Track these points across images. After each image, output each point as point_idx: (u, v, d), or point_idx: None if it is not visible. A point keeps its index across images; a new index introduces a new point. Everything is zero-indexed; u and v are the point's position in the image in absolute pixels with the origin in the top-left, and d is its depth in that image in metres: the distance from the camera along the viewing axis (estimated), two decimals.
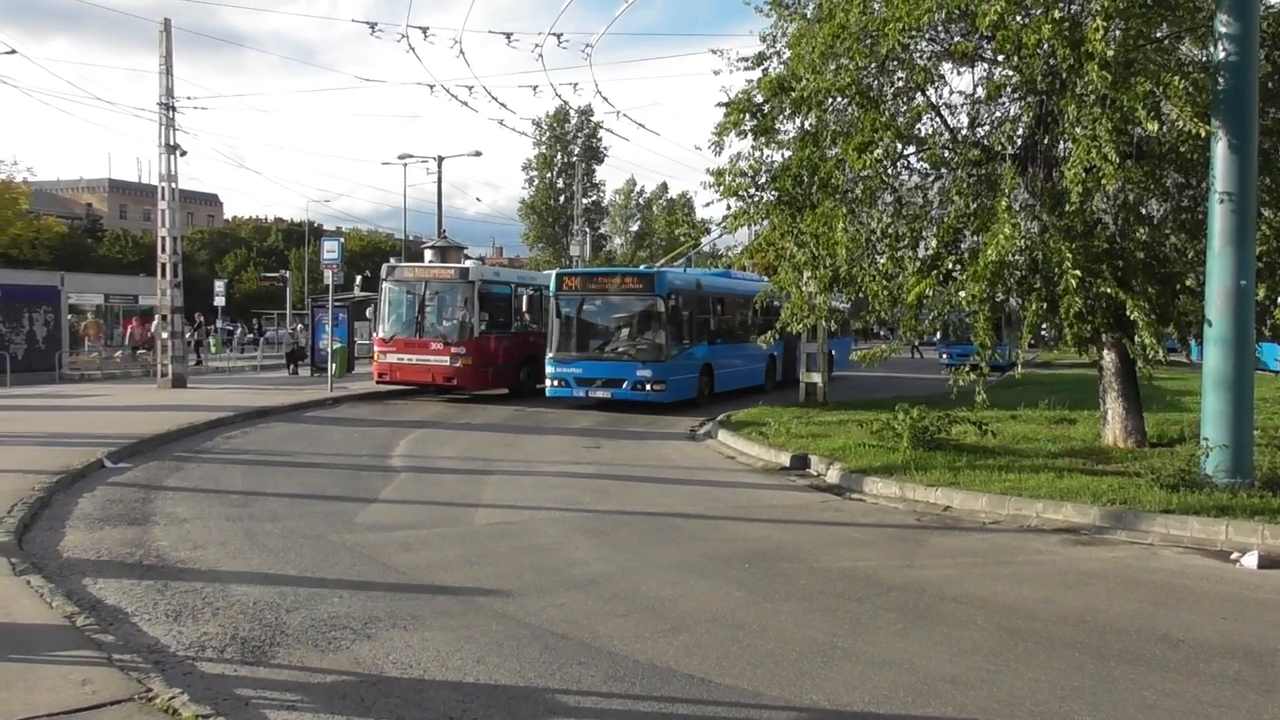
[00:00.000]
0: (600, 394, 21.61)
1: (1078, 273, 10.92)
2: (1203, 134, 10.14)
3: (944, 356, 32.60)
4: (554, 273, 23.35)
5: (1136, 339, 11.55)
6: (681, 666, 5.97)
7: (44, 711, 4.99)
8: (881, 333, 45.79)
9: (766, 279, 25.82)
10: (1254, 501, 9.92)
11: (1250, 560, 8.71)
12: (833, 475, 12.88)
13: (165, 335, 25.91)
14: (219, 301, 45.69)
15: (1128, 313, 11.29)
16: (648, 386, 21.09)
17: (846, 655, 6.24)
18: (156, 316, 27.82)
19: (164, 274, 25.63)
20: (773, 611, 7.19)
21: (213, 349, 43.81)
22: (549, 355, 22.17)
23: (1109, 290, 11.23)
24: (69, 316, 30.88)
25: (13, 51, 33.24)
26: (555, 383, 22.01)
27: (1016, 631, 6.78)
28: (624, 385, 21.28)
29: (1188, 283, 11.91)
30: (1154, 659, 6.26)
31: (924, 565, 8.68)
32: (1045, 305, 11.96)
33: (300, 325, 42.85)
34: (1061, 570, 8.55)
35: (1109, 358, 13.43)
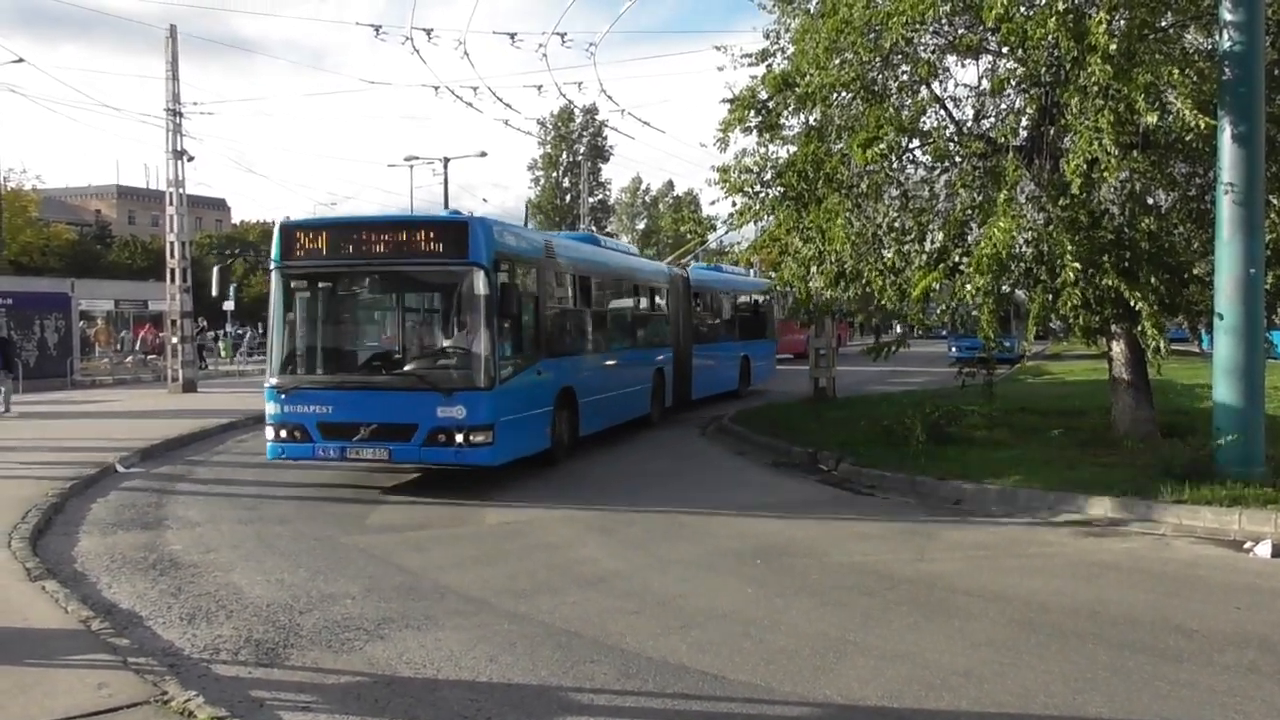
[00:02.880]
0: (369, 453, 11.45)
1: (1077, 265, 10.89)
2: (1203, 127, 10.10)
3: (953, 350, 32.55)
4: (279, 224, 12.39)
5: (1138, 329, 11.52)
6: (694, 663, 5.97)
7: (61, 715, 5.02)
8: (879, 326, 45.59)
9: (661, 263, 22.81)
10: (1267, 491, 9.88)
11: (1264, 550, 8.68)
12: (843, 469, 12.86)
13: (175, 340, 26.00)
14: (228, 306, 45.81)
15: (1133, 304, 11.25)
16: (460, 438, 11.17)
17: (859, 650, 6.24)
18: (167, 321, 27.85)
19: (173, 279, 25.72)
20: (784, 607, 7.19)
21: (222, 353, 43.90)
22: (268, 381, 11.99)
23: (1111, 282, 11.20)
24: (80, 323, 31.04)
25: (20, 60, 33.40)
26: (280, 433, 11.70)
27: (1029, 624, 6.77)
28: (413, 438, 11.26)
29: (1196, 272, 11.86)
30: (1168, 650, 6.24)
31: (935, 558, 8.68)
32: (1050, 297, 11.93)
33: None
34: (1074, 562, 8.53)
35: (1118, 348, 13.38)
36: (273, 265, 12.17)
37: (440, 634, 6.55)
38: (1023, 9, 11.10)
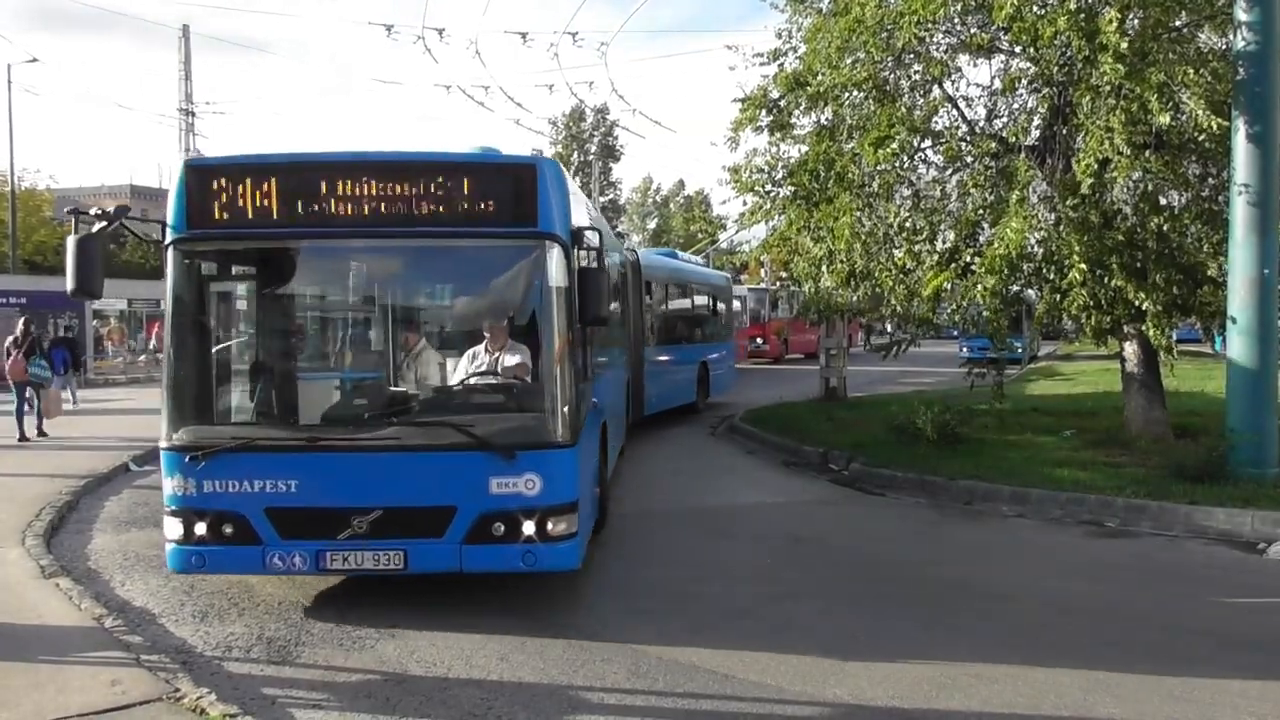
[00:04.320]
0: (369, 560, 6.68)
1: (1084, 265, 10.88)
2: (1215, 127, 10.06)
3: (964, 350, 32.48)
4: (182, 166, 7.05)
5: (1143, 329, 11.51)
6: (704, 663, 5.98)
7: (75, 712, 5.06)
8: (887, 327, 45.44)
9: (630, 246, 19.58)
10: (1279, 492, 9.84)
11: (1277, 551, 8.65)
12: (854, 470, 12.85)
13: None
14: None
15: (1139, 304, 11.22)
16: (530, 528, 6.68)
17: (870, 649, 6.23)
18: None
19: None
20: (794, 606, 7.19)
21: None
22: (166, 438, 6.91)
23: (1118, 282, 11.18)
24: (93, 322, 31.17)
25: (34, 60, 33.58)
26: (193, 529, 6.74)
27: (1040, 624, 6.76)
28: (448, 530, 6.66)
29: (1210, 273, 11.81)
30: (1179, 651, 6.22)
31: (947, 558, 8.66)
32: (1059, 297, 11.91)
33: None
34: (1086, 562, 8.51)
35: (1131, 349, 13.33)
36: (169, 236, 6.80)
37: (451, 632, 6.56)
38: (1034, 8, 11.07)
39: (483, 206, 6.78)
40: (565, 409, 6.83)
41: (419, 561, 6.66)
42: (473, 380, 7.62)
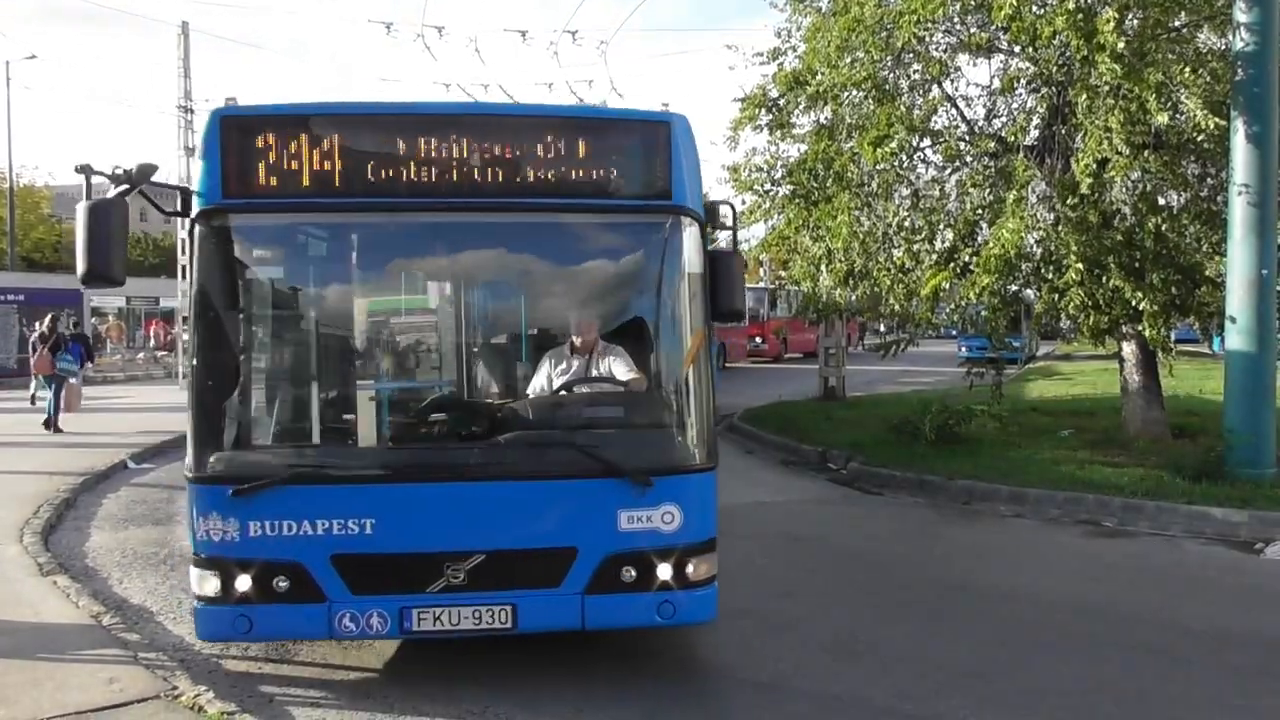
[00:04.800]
0: (467, 618, 5.32)
1: (1080, 265, 10.90)
2: (1212, 127, 10.07)
3: (963, 349, 32.50)
4: (213, 117, 5.45)
5: (1140, 329, 11.54)
6: (704, 661, 5.98)
7: (72, 709, 5.06)
8: (880, 327, 45.41)
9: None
10: (1277, 492, 9.85)
11: (1275, 551, 8.66)
12: (852, 469, 12.86)
13: (186, 337, 26.11)
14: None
15: (1136, 304, 11.24)
16: (667, 573, 5.42)
17: (868, 649, 6.23)
18: (179, 317, 27.96)
19: (184, 276, 25.82)
20: (792, 605, 7.19)
21: None
22: (193, 466, 5.39)
23: (1116, 282, 11.20)
24: (91, 319, 31.16)
25: (33, 57, 33.58)
26: (236, 583, 5.22)
27: (1039, 624, 6.76)
28: (565, 578, 5.38)
29: (1207, 273, 11.82)
30: (1178, 651, 6.22)
31: (945, 558, 8.67)
32: (1057, 297, 11.93)
33: None
34: (1084, 562, 8.52)
35: (1129, 349, 13.34)
36: (196, 207, 5.44)
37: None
38: (1033, 7, 11.08)
39: (604, 173, 5.52)
40: (704, 423, 5.58)
41: (531, 617, 5.33)
42: (586, 389, 6.05)
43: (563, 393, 6.00)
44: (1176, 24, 11.66)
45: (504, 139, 5.48)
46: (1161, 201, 12.09)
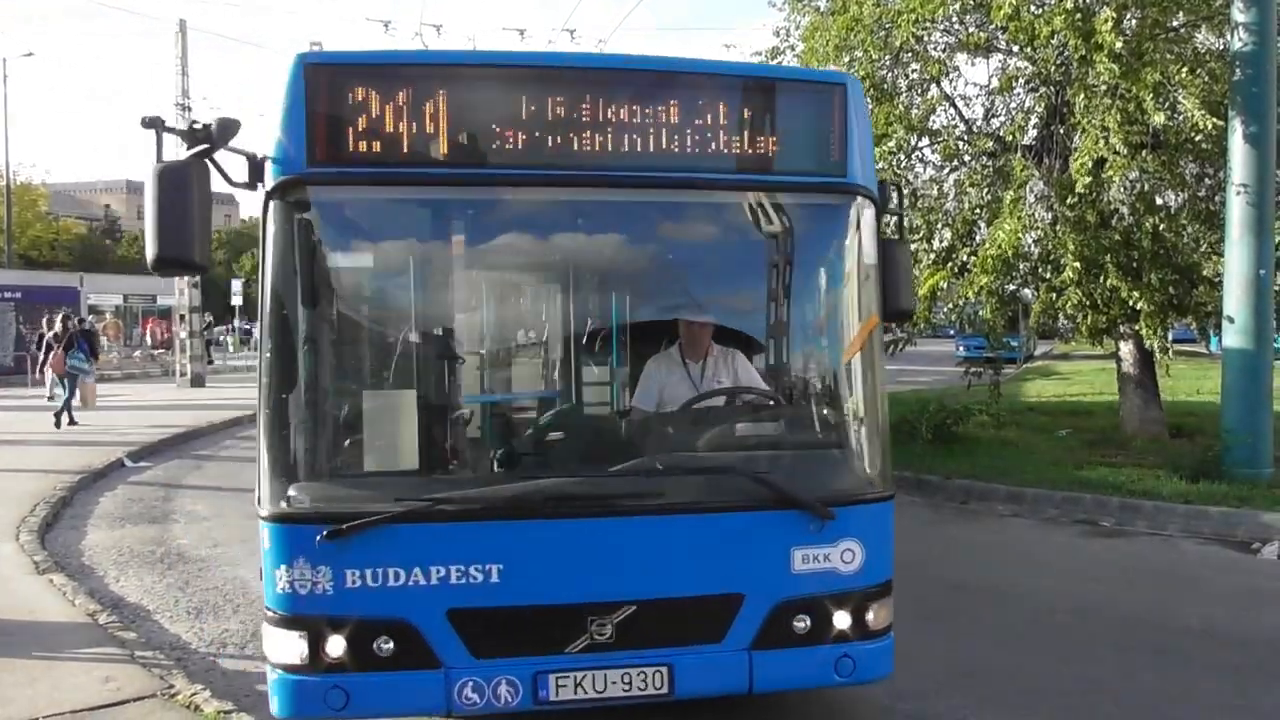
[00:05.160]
0: (616, 684, 4.32)
1: (1078, 264, 10.91)
2: (1210, 127, 10.07)
3: (960, 349, 32.51)
4: (297, 63, 4.24)
5: (1138, 328, 11.56)
6: None
7: (69, 708, 5.04)
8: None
9: None
10: (1275, 492, 9.85)
11: (1271, 550, 8.66)
12: None
13: (183, 335, 26.07)
14: (236, 301, 45.97)
15: (1133, 304, 11.25)
16: (845, 622, 4.50)
17: None
18: (175, 316, 27.91)
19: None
20: None
21: (231, 349, 44.05)
22: (270, 494, 4.20)
23: (1113, 282, 11.21)
24: (89, 317, 31.12)
25: (30, 54, 33.50)
26: (324, 647, 4.12)
27: (1036, 624, 6.76)
28: (728, 632, 4.40)
29: (1205, 273, 11.83)
30: (1176, 651, 6.22)
31: (942, 558, 8.66)
32: (1055, 296, 11.95)
33: None
34: (1081, 562, 8.52)
35: (1127, 349, 13.35)
36: (273, 177, 4.34)
37: None
38: (1032, 7, 11.09)
39: (768, 144, 4.53)
40: (883, 442, 4.76)
41: (690, 680, 4.37)
42: (754, 402, 5.28)
43: (712, 409, 5.04)
44: (1174, 24, 11.68)
45: (650, 99, 4.40)
46: (1159, 201, 12.11)
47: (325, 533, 4.01)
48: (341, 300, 4.77)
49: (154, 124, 4.09)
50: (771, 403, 5.27)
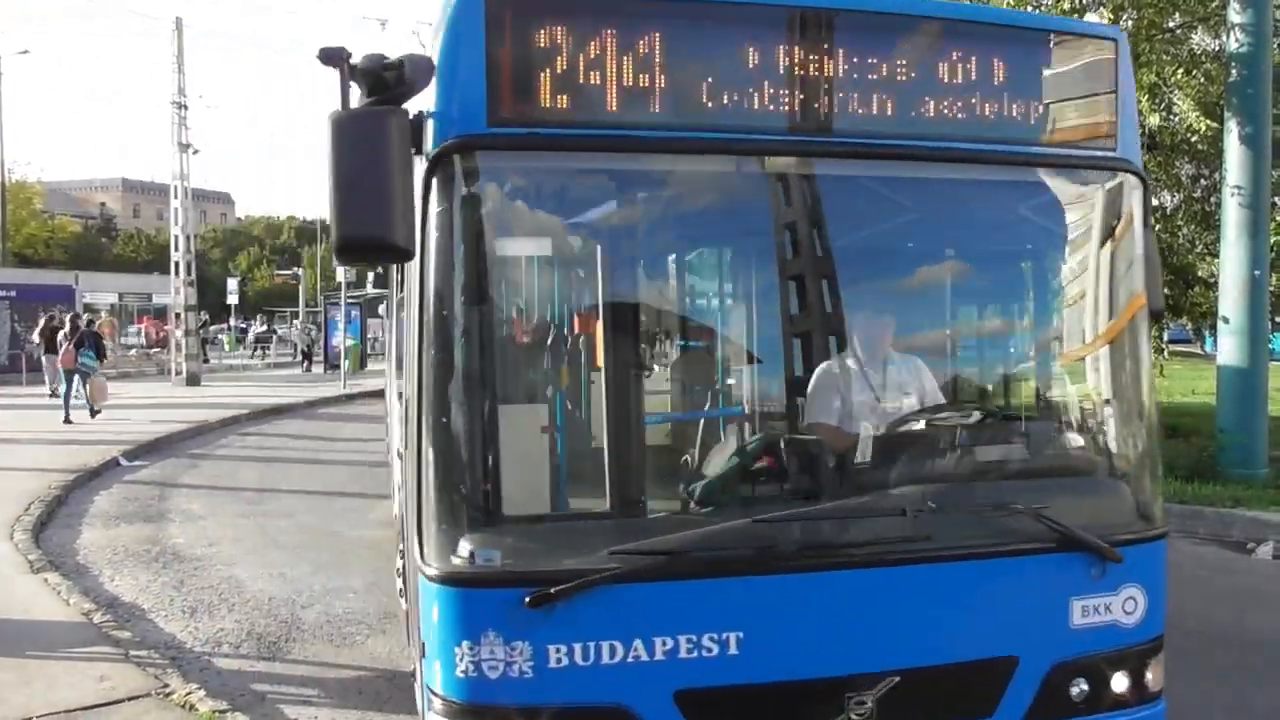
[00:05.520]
0: None
1: None
2: (1204, 129, 10.09)
3: None
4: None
5: None
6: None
7: (63, 707, 5.03)
8: None
9: None
10: (1269, 492, 9.88)
11: (1266, 550, 8.68)
12: None
13: (179, 334, 26.04)
14: (232, 300, 45.94)
15: None
16: (1123, 684, 3.76)
17: None
18: (171, 314, 27.86)
19: (177, 272, 25.76)
20: None
21: (226, 347, 44.03)
22: (428, 553, 3.21)
23: None
24: (83, 315, 31.07)
25: (26, 52, 33.48)
26: None
27: None
28: (1000, 703, 3.54)
29: (1200, 274, 11.86)
30: (1172, 651, 6.22)
31: None
32: None
33: (311, 323, 43.03)
34: None
35: None
36: (436, 137, 3.23)
37: None
38: (1028, 8, 11.09)
39: (1034, 109, 3.74)
40: (1154, 467, 3.99)
41: None
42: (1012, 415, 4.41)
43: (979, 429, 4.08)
44: (1171, 25, 11.69)
45: (907, 51, 3.60)
46: (1155, 202, 12.13)
47: (530, 597, 3.05)
48: (527, 299, 3.92)
49: (333, 56, 3.08)
50: (1021, 420, 4.27)
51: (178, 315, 26.12)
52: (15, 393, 22.95)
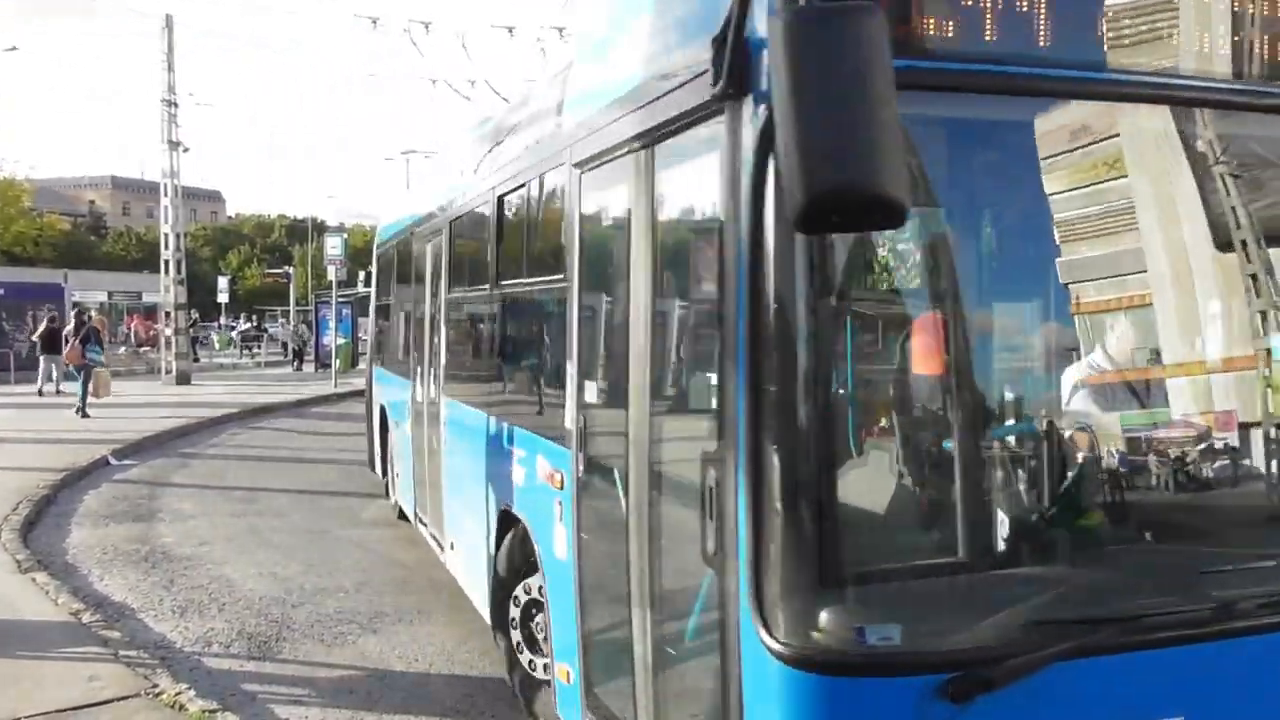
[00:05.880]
0: None
1: None
2: None
3: None
4: None
5: None
6: None
7: (52, 708, 5.00)
8: None
9: None
10: None
11: None
12: None
13: (169, 332, 25.93)
14: (223, 298, 45.79)
15: None
16: None
17: None
18: (161, 313, 27.76)
19: (167, 271, 25.66)
20: None
21: (217, 346, 43.92)
22: (784, 616, 2.34)
23: None
24: (71, 313, 30.94)
25: (14, 49, 33.32)
26: None
27: None
28: None
29: None
30: None
31: None
32: None
33: (302, 322, 42.93)
34: None
35: None
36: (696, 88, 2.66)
37: (433, 628, 6.52)
38: None
39: None
40: None
41: None
42: None
43: None
44: None
45: None
46: None
47: (952, 687, 2.26)
48: (931, 287, 2.87)
49: None
50: None
51: (168, 314, 26.01)
52: (4, 391, 22.81)
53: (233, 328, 48.39)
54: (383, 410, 10.18)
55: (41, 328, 22.59)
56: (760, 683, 2.38)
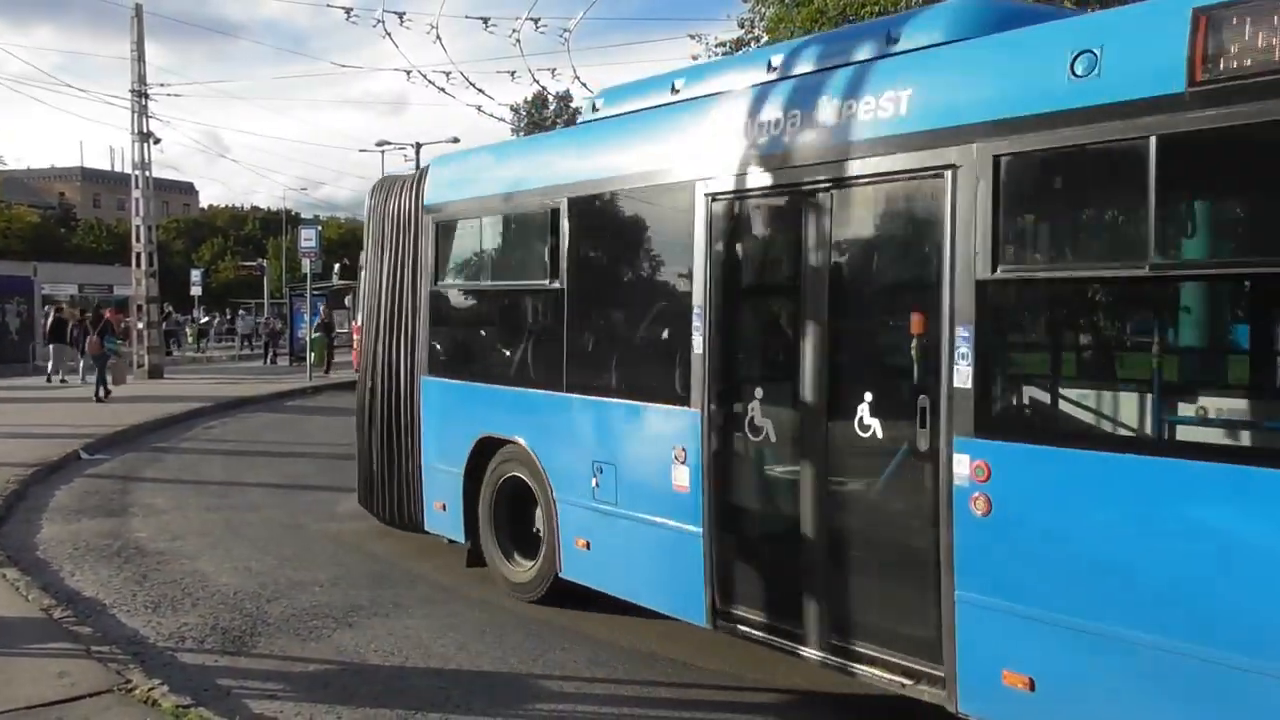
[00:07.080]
0: None
1: None
2: None
3: None
4: None
5: None
6: (664, 651, 5.99)
7: (23, 704, 4.95)
8: None
9: None
10: None
11: None
12: None
13: (141, 326, 25.68)
14: (195, 291, 45.36)
15: None
16: None
17: None
18: (133, 306, 27.46)
19: (138, 263, 25.39)
20: None
21: (189, 339, 43.50)
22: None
23: None
24: (44, 307, 30.60)
25: None
26: None
27: None
28: None
29: None
30: None
31: None
32: None
33: (275, 316, 42.56)
34: None
35: None
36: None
37: (410, 621, 6.51)
38: None
39: None
40: None
41: None
42: None
43: None
44: None
45: None
46: None
47: None
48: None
49: None
50: None
51: (140, 307, 25.74)
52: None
53: (207, 323, 47.90)
54: (490, 444, 7.10)
55: (49, 319, 25.05)
56: None
